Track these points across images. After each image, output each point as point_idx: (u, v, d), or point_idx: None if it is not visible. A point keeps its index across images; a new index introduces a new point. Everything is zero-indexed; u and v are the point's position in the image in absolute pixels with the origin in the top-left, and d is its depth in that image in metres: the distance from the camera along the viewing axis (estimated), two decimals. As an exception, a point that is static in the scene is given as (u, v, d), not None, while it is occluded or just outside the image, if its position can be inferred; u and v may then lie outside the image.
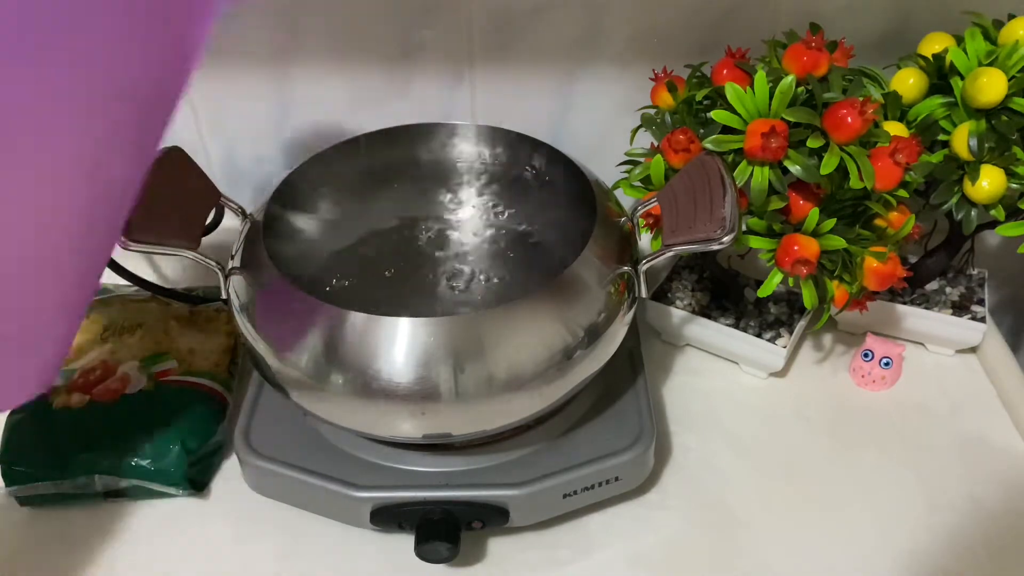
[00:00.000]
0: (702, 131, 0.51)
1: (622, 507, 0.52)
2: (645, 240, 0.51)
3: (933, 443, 0.55)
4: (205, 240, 0.45)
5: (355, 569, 0.49)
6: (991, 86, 0.49)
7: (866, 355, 0.59)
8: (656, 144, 0.54)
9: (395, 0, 0.59)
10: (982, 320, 0.59)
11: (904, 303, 0.60)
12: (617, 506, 0.51)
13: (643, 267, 0.46)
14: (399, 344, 0.41)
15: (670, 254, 0.43)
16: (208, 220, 0.48)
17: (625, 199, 0.52)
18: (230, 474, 0.53)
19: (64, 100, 0.21)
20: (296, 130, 0.66)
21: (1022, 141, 0.50)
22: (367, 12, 0.59)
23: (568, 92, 0.64)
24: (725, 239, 0.40)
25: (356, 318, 0.41)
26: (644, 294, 0.47)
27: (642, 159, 0.56)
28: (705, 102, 0.53)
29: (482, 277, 0.57)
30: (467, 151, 0.58)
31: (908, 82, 0.53)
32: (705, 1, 0.59)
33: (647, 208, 0.49)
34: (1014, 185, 0.50)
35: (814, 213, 0.48)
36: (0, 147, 0.21)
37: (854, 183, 0.47)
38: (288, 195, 0.52)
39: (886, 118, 0.53)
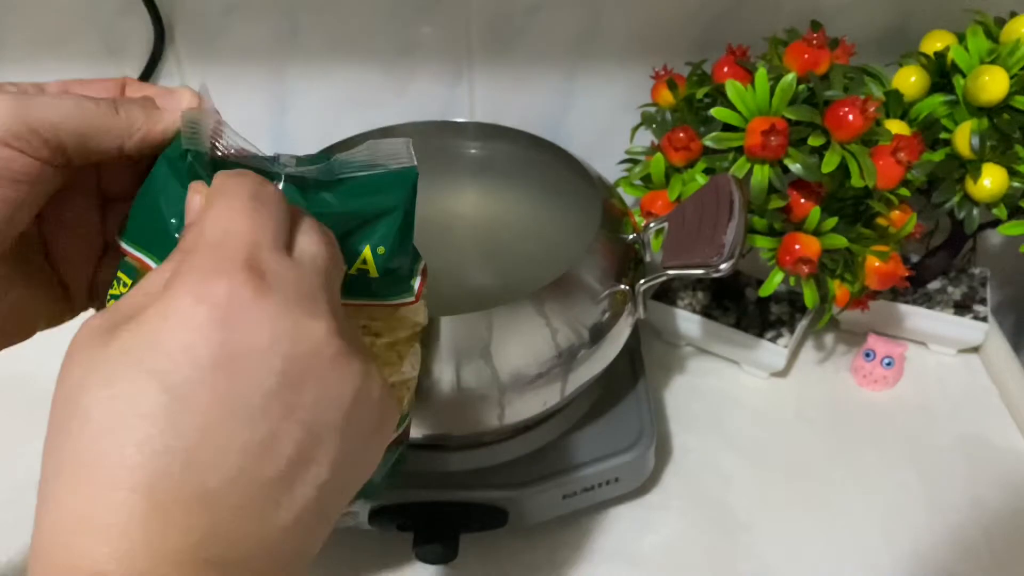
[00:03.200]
0: (702, 129, 0.50)
1: (622, 508, 0.51)
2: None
3: (935, 443, 0.55)
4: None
5: (353, 570, 0.48)
6: (993, 84, 0.48)
7: (868, 355, 0.58)
8: (656, 142, 0.54)
9: (394, -2, 0.59)
10: (984, 320, 0.59)
11: (906, 302, 0.60)
12: (617, 507, 0.51)
13: (642, 287, 0.45)
14: (397, 344, 0.40)
15: (663, 278, 0.43)
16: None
17: (625, 198, 0.52)
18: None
19: None
20: (294, 128, 0.66)
21: (1024, 139, 0.50)
22: (366, 9, 0.59)
23: (568, 90, 0.64)
24: (722, 267, 0.39)
25: (354, 317, 0.41)
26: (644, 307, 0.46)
27: (642, 157, 0.56)
28: (706, 100, 0.52)
29: (482, 276, 0.56)
30: (466, 149, 0.58)
31: (909, 80, 0.53)
32: (705, -1, 0.58)
33: (658, 226, 0.48)
34: (1016, 184, 0.50)
35: (815, 212, 0.48)
36: None
37: (855, 182, 0.46)
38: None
39: (887, 116, 0.53)
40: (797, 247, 0.48)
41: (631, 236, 0.47)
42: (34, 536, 0.21)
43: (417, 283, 0.33)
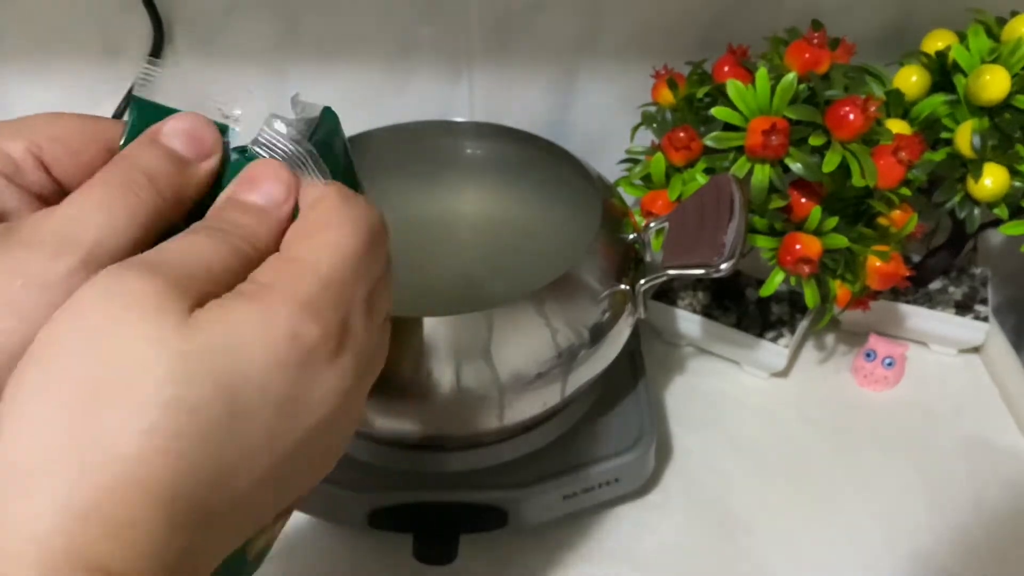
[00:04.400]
0: (703, 129, 0.50)
1: (623, 509, 0.51)
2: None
3: (936, 443, 0.55)
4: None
5: (353, 571, 0.48)
6: (994, 83, 0.48)
7: (869, 355, 0.58)
8: (657, 142, 0.54)
9: (393, -3, 0.58)
10: (985, 320, 0.59)
11: (907, 302, 0.60)
12: (618, 508, 0.51)
13: (642, 287, 0.45)
14: (398, 343, 0.40)
15: (664, 278, 0.43)
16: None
17: (626, 198, 0.52)
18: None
19: None
20: (294, 129, 0.65)
21: (1026, 139, 0.50)
22: (366, 9, 0.59)
23: (568, 89, 0.64)
24: (723, 267, 0.39)
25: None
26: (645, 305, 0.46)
27: (643, 157, 0.56)
28: (706, 99, 0.52)
29: (482, 276, 0.56)
30: (466, 148, 0.58)
31: (910, 80, 0.53)
32: (706, -2, 0.58)
33: (659, 226, 0.48)
34: (1017, 183, 0.50)
35: (816, 212, 0.48)
36: None
37: (856, 181, 0.46)
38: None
39: (888, 116, 0.52)
40: (798, 247, 0.47)
41: (631, 236, 0.47)
42: (15, 513, 0.19)
43: None
